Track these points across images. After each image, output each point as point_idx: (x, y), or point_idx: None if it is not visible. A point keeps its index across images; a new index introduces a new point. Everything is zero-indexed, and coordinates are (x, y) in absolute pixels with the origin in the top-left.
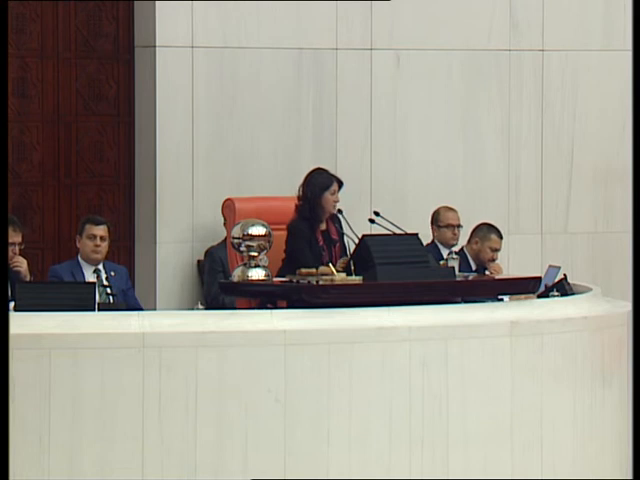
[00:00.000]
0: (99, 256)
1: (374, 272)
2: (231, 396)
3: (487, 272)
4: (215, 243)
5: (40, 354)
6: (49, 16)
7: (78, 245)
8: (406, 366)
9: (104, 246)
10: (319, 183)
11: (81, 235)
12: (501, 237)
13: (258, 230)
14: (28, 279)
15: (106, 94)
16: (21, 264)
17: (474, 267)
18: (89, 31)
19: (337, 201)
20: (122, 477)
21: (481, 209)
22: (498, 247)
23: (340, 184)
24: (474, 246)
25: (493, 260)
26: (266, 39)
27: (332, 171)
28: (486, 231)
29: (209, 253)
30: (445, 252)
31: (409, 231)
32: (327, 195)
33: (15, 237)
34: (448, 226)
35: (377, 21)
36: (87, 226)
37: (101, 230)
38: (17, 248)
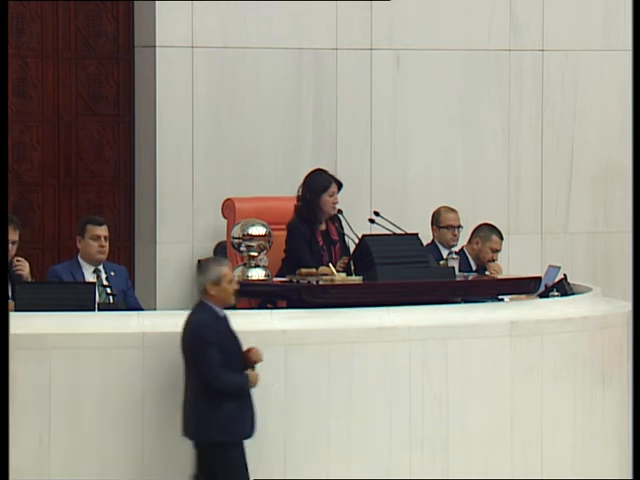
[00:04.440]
0: (104, 256)
1: (374, 272)
2: None
3: (487, 272)
4: (224, 239)
5: (40, 354)
6: (49, 16)
7: (79, 246)
8: (406, 366)
9: (107, 246)
10: (318, 185)
11: (82, 236)
12: (502, 238)
13: (258, 230)
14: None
15: (106, 94)
16: (24, 268)
17: (474, 267)
18: (89, 31)
19: (336, 202)
20: (122, 477)
21: (481, 209)
22: (499, 248)
23: (339, 185)
24: (475, 246)
25: (493, 260)
26: (266, 39)
27: (332, 171)
28: (487, 232)
29: (221, 247)
30: (445, 252)
31: (409, 231)
32: (325, 197)
33: (12, 235)
34: (448, 227)
35: (377, 21)
36: (89, 227)
37: (104, 230)
38: (14, 247)
